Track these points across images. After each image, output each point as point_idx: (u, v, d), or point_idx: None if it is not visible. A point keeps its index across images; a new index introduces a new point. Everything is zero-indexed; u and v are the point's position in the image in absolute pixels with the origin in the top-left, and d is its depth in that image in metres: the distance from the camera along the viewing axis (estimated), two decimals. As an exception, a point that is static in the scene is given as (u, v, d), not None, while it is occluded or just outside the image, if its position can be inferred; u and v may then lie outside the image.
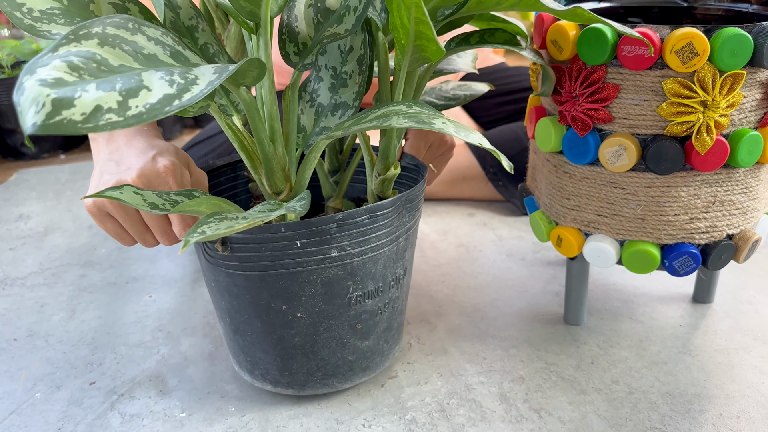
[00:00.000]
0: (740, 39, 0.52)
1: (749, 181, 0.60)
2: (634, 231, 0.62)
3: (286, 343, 0.57)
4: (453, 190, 1.06)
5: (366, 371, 0.62)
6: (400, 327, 0.65)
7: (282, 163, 0.54)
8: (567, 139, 0.61)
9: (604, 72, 0.57)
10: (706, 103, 0.54)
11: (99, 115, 0.32)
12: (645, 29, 0.54)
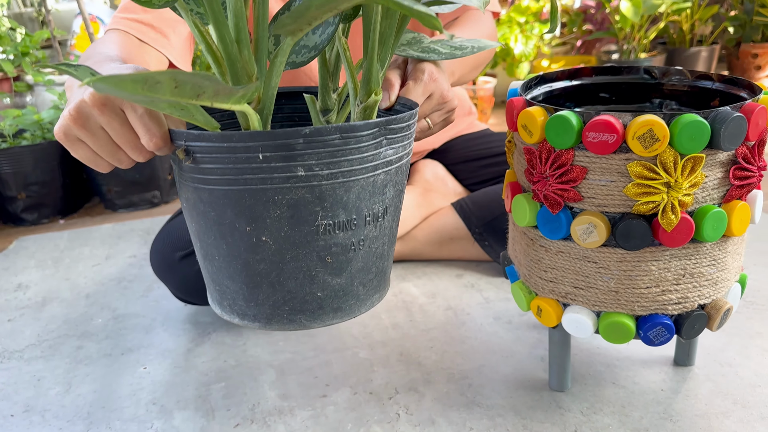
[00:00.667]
0: (698, 125, 0.55)
1: (717, 253, 0.62)
2: (609, 303, 0.64)
3: (252, 269, 0.55)
4: (441, 251, 1.09)
5: (338, 313, 0.58)
6: (381, 274, 0.61)
7: (248, 69, 0.52)
8: (541, 215, 0.64)
9: (572, 155, 0.60)
10: (669, 184, 0.57)
11: None
12: (608, 117, 0.57)
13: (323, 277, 0.55)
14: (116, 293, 1.07)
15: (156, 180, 1.54)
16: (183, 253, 0.87)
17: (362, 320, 0.91)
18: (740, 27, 2.55)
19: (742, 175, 0.60)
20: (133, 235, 1.33)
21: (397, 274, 1.06)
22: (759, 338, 0.80)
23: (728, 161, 0.59)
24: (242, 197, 0.52)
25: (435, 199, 1.11)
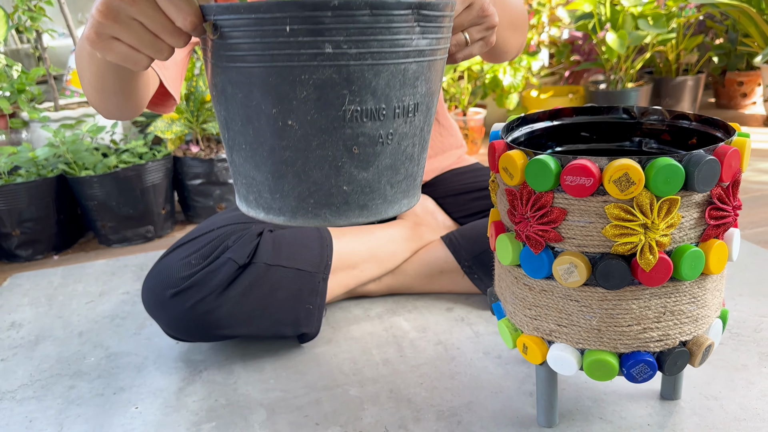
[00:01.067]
0: (672, 168, 0.57)
1: (696, 291, 0.64)
2: (592, 341, 0.65)
3: (277, 157, 0.54)
4: (432, 285, 1.10)
5: (363, 211, 0.56)
6: (410, 179, 0.59)
7: None
8: (523, 255, 0.65)
9: (551, 197, 0.61)
10: (646, 226, 0.58)
11: None
12: (585, 161, 0.58)
13: (349, 169, 0.54)
14: (109, 331, 1.07)
15: (150, 215, 1.55)
16: (174, 291, 0.88)
17: (353, 356, 0.92)
18: (725, 56, 2.59)
19: (717, 215, 0.61)
20: (126, 271, 1.33)
21: (387, 308, 1.06)
22: (744, 371, 0.81)
23: (704, 202, 0.61)
24: (269, 76, 0.50)
25: (425, 233, 1.12)
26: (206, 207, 1.64)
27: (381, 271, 1.07)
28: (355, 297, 1.10)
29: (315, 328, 0.95)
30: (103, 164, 1.50)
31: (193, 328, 0.89)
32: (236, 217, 0.99)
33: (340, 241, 1.01)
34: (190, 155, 1.62)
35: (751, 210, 1.49)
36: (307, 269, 0.94)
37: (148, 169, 1.52)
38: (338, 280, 1.01)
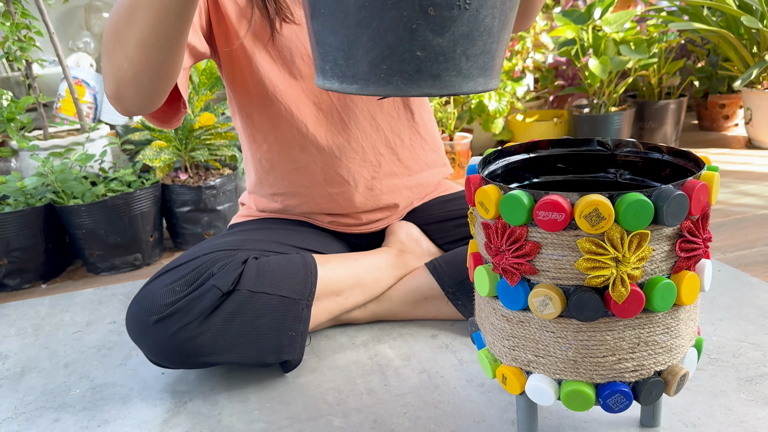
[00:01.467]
0: (641, 203, 0.58)
1: (669, 322, 0.65)
2: (569, 371, 0.66)
3: (353, 17, 0.53)
4: (416, 311, 1.11)
5: (436, 81, 0.55)
6: (487, 55, 0.57)
7: None
8: (500, 286, 0.66)
9: (526, 231, 0.63)
10: (617, 259, 0.60)
11: None
12: (556, 197, 0.59)
13: (424, 33, 0.52)
14: (95, 362, 1.07)
15: (138, 243, 1.56)
16: (157, 317, 0.88)
17: (337, 386, 0.92)
18: (706, 79, 2.63)
19: (688, 248, 0.63)
20: (113, 300, 1.34)
21: (372, 335, 1.07)
22: (723, 397, 0.82)
23: (674, 235, 0.62)
24: None
25: (410, 260, 1.13)
26: (194, 234, 1.65)
27: (366, 298, 1.08)
28: (341, 324, 1.10)
29: (298, 355, 0.95)
30: (91, 193, 1.51)
31: (176, 354, 0.89)
32: (222, 244, 1.00)
33: (325, 267, 1.02)
34: (178, 183, 1.63)
35: (733, 233, 1.51)
36: (291, 296, 0.95)
37: (136, 197, 1.53)
38: (323, 307, 1.02)
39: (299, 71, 1.03)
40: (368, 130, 1.10)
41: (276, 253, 1.01)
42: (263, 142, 1.09)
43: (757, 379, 0.85)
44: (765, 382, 0.84)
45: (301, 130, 1.06)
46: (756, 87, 2.26)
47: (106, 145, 1.83)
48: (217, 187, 1.63)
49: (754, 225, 1.56)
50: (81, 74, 2.36)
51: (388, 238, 1.17)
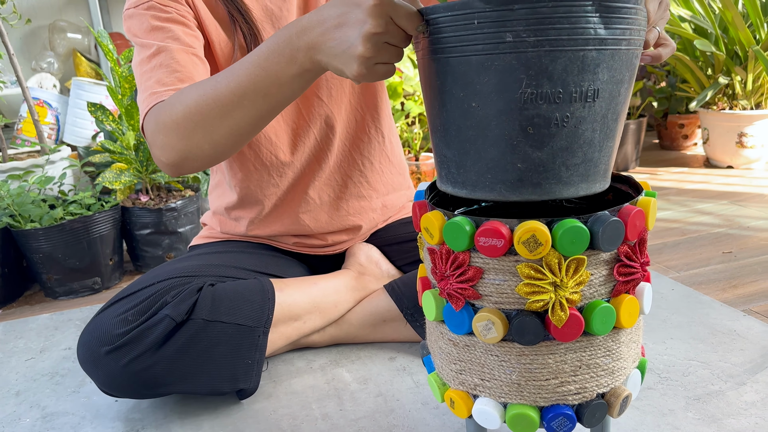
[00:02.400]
0: (577, 229, 0.59)
1: (610, 344, 0.66)
2: (513, 395, 0.66)
3: (462, 135, 0.61)
4: (375, 334, 1.11)
5: (536, 189, 0.60)
6: (589, 164, 0.61)
7: None
8: (446, 311, 0.67)
9: (468, 256, 0.63)
10: (556, 284, 0.61)
11: None
12: (496, 224, 0.60)
13: (524, 148, 0.58)
14: (48, 389, 1.06)
15: (97, 266, 1.54)
16: (108, 348, 0.87)
17: (292, 412, 0.92)
18: (666, 99, 2.70)
19: (626, 272, 0.64)
20: (69, 326, 1.32)
21: (331, 359, 1.07)
22: (671, 416, 0.84)
23: (612, 259, 0.63)
24: (459, 64, 0.58)
25: (369, 282, 1.14)
26: (155, 257, 1.63)
27: (325, 321, 1.07)
28: (299, 348, 1.10)
29: (254, 383, 0.95)
30: (49, 216, 1.49)
31: (128, 385, 0.88)
32: (178, 270, 0.99)
33: (283, 293, 1.02)
34: (139, 205, 1.62)
35: (688, 251, 1.54)
36: (247, 324, 0.94)
37: (95, 221, 1.51)
38: (280, 333, 1.01)
39: None
40: (343, 154, 1.12)
41: (234, 279, 1.01)
42: (239, 170, 1.09)
43: (705, 397, 0.87)
44: (712, 401, 0.86)
45: (278, 155, 1.07)
46: (712, 108, 2.32)
47: (66, 167, 1.81)
48: (178, 209, 1.62)
49: (708, 243, 1.59)
50: (43, 95, 2.34)
51: (347, 260, 1.18)
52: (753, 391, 0.88)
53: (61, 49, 2.66)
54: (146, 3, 0.91)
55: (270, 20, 1.00)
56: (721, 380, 0.91)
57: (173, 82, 0.84)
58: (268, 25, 1.00)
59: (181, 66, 0.86)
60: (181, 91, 0.80)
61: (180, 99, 0.79)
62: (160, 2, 0.91)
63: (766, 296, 1.25)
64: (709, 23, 2.25)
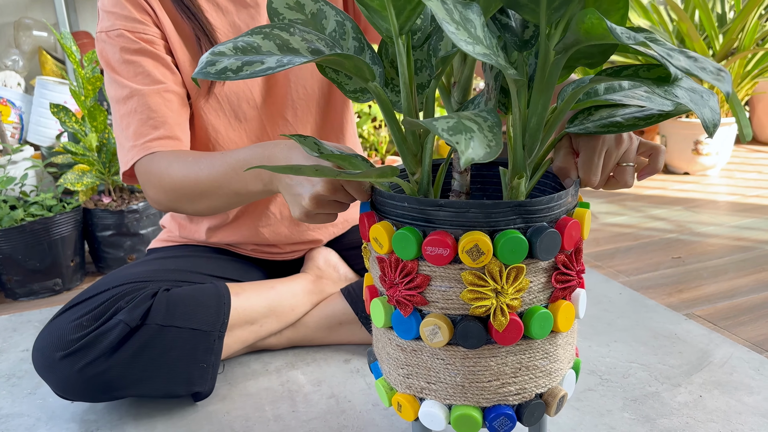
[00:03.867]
0: (516, 240, 0.62)
1: (548, 347, 0.69)
2: (457, 396, 0.69)
3: None
4: (331, 336, 1.12)
5: None
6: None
7: (411, 150, 0.67)
8: (395, 317, 0.69)
9: (416, 265, 0.65)
10: (497, 290, 0.63)
11: (224, 73, 0.53)
12: (441, 234, 0.63)
13: None
14: (3, 391, 1.05)
15: (58, 267, 1.53)
16: (63, 353, 0.87)
17: (246, 413, 0.93)
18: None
19: (562, 279, 0.67)
20: (29, 327, 1.31)
21: (287, 361, 1.08)
22: (608, 416, 0.87)
23: (550, 267, 0.66)
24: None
25: (326, 286, 1.15)
26: (117, 258, 1.62)
27: (281, 325, 1.09)
28: (256, 351, 1.11)
29: (208, 386, 0.95)
30: (9, 217, 1.47)
31: (83, 390, 0.88)
32: (134, 275, 0.99)
33: (240, 297, 1.03)
34: (101, 206, 1.61)
35: (639, 256, 1.59)
36: (201, 328, 0.95)
37: (56, 222, 1.50)
38: (236, 337, 1.02)
39: (244, 114, 1.04)
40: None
41: (190, 283, 1.01)
42: None
43: (642, 398, 0.91)
44: (648, 402, 0.90)
45: None
46: (669, 116, 2.39)
47: (28, 168, 1.79)
48: (140, 211, 1.62)
49: (659, 249, 1.64)
50: (7, 94, 2.30)
51: (306, 264, 1.19)
52: (687, 392, 0.92)
53: (27, 47, 2.62)
54: (116, 30, 0.93)
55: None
56: (658, 382, 0.95)
57: (148, 131, 0.93)
58: None
59: (154, 112, 0.93)
60: (170, 162, 0.90)
61: (168, 172, 0.90)
62: (128, 29, 0.93)
63: (709, 301, 1.30)
64: (666, 34, 2.32)
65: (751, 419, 0.85)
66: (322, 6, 0.68)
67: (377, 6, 0.60)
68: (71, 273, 1.56)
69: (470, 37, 0.54)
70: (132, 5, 0.93)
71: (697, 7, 2.22)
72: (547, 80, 0.62)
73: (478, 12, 0.57)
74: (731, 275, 1.44)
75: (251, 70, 0.54)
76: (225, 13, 1.00)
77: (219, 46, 0.55)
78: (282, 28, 0.59)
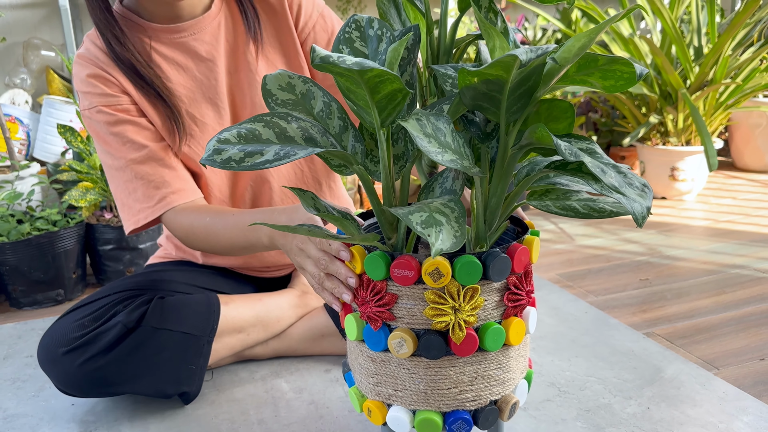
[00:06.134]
0: (472, 264, 0.69)
1: (501, 359, 0.76)
2: (421, 402, 0.75)
3: None
4: (314, 347, 1.19)
5: None
6: None
7: (388, 219, 0.73)
8: (366, 331, 0.75)
9: (385, 284, 0.72)
10: (455, 308, 0.71)
11: (228, 163, 0.59)
12: (407, 258, 0.70)
13: None
14: (9, 393, 1.11)
15: (61, 279, 1.59)
16: (66, 349, 0.95)
17: (232, 417, 1.00)
18: (609, 132, 2.85)
19: (514, 298, 0.74)
20: (32, 335, 1.37)
21: (272, 370, 1.15)
22: (562, 424, 0.94)
23: (503, 288, 0.74)
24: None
25: (310, 301, 1.22)
26: (116, 271, 1.69)
27: (267, 334, 1.15)
28: (244, 360, 1.18)
29: (196, 387, 1.03)
30: (17, 231, 1.54)
31: (82, 384, 0.96)
32: (133, 284, 1.07)
33: (229, 306, 1.10)
34: (103, 222, 1.68)
35: (609, 277, 1.67)
36: (192, 332, 1.02)
37: (60, 236, 1.57)
38: (225, 343, 1.09)
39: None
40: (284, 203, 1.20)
41: (184, 294, 1.09)
42: None
43: (595, 409, 0.98)
44: (600, 412, 0.97)
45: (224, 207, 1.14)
46: (647, 143, 2.46)
47: (35, 184, 1.86)
48: (141, 226, 1.69)
49: (629, 270, 1.72)
50: (15, 112, 2.38)
51: (293, 280, 1.26)
52: (636, 404, 0.99)
53: (35, 66, 2.69)
54: (94, 107, 1.02)
55: (201, 90, 1.06)
56: (612, 394, 1.02)
57: (152, 192, 1.03)
58: (200, 95, 1.06)
59: (149, 175, 1.03)
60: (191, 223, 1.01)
61: (193, 230, 1.01)
62: (103, 104, 1.01)
63: (669, 320, 1.38)
64: (644, 65, 2.41)
65: (692, 429, 0.92)
66: (310, 87, 0.74)
67: (363, 104, 0.67)
68: (73, 284, 1.63)
69: (440, 146, 0.63)
70: (99, 82, 1.01)
71: (673, 42, 2.31)
72: (505, 169, 0.70)
73: (447, 121, 0.66)
74: (693, 297, 1.52)
75: (251, 162, 0.60)
76: (185, 70, 1.05)
77: (225, 133, 0.61)
78: (281, 117, 0.66)
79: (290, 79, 0.73)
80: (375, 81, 0.61)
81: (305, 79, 0.74)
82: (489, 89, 0.63)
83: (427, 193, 0.76)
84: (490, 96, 0.64)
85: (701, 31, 2.51)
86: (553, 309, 1.35)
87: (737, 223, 2.12)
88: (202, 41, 1.05)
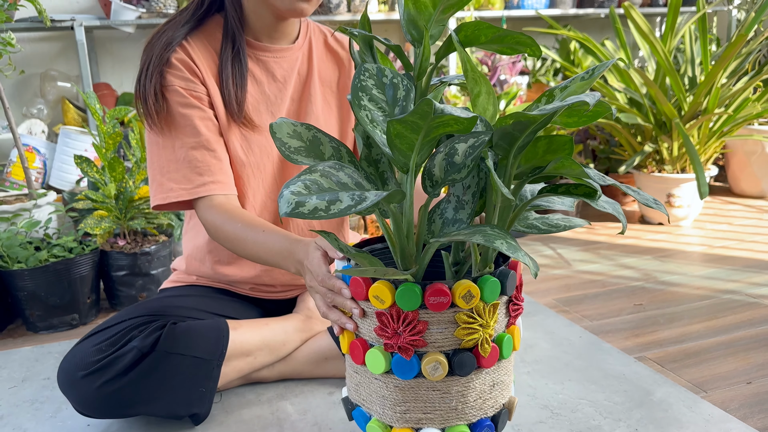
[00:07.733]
0: (495, 283, 0.71)
1: (508, 364, 0.79)
2: (452, 419, 0.74)
3: None
4: (318, 370, 1.17)
5: None
6: None
7: (410, 252, 0.75)
8: (395, 362, 0.73)
9: (417, 314, 0.71)
10: (483, 325, 0.71)
11: (316, 213, 0.60)
12: (441, 285, 0.69)
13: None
14: (28, 414, 1.09)
15: (76, 304, 1.57)
16: (84, 373, 0.94)
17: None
18: (607, 159, 2.84)
19: (514, 308, 0.77)
20: (49, 358, 1.35)
21: (278, 392, 1.12)
22: (553, 446, 0.93)
23: (506, 301, 0.76)
24: None
25: (315, 325, 1.19)
26: (129, 296, 1.68)
27: (273, 358, 1.13)
28: (251, 383, 1.16)
29: (206, 408, 1.01)
30: (34, 258, 1.53)
31: (99, 405, 0.95)
32: (147, 309, 1.05)
33: (237, 331, 1.08)
34: (116, 249, 1.67)
35: (604, 303, 1.66)
36: (203, 357, 1.01)
37: (76, 263, 1.56)
38: (233, 366, 1.08)
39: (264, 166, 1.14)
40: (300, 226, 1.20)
41: (194, 319, 1.08)
42: None
43: (585, 430, 0.96)
44: (588, 433, 0.96)
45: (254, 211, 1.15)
46: (643, 170, 2.46)
47: (52, 212, 1.85)
48: (151, 253, 1.68)
49: (624, 296, 1.71)
50: (32, 142, 2.38)
51: (298, 305, 1.24)
52: (625, 426, 0.98)
53: (51, 96, 2.70)
54: (171, 86, 1.06)
55: (266, 103, 1.14)
56: (602, 416, 1.01)
57: (194, 177, 1.06)
58: (264, 107, 1.13)
59: (197, 160, 1.06)
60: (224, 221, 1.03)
61: (224, 228, 1.03)
62: (181, 86, 1.06)
63: (660, 345, 1.37)
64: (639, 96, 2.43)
65: (678, 450, 0.92)
66: (315, 133, 0.77)
67: (405, 148, 0.69)
68: (87, 309, 1.61)
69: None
70: (185, 67, 1.07)
71: (667, 74, 2.33)
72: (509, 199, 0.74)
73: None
74: (685, 321, 1.52)
75: (337, 209, 0.62)
76: (258, 84, 1.12)
77: (292, 186, 0.62)
78: (330, 167, 0.68)
79: (294, 126, 0.76)
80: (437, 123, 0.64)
81: (308, 126, 0.76)
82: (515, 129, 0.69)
83: (429, 224, 0.78)
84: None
85: (695, 61, 2.54)
86: (549, 334, 1.34)
87: (732, 249, 2.11)
88: (280, 66, 1.14)
